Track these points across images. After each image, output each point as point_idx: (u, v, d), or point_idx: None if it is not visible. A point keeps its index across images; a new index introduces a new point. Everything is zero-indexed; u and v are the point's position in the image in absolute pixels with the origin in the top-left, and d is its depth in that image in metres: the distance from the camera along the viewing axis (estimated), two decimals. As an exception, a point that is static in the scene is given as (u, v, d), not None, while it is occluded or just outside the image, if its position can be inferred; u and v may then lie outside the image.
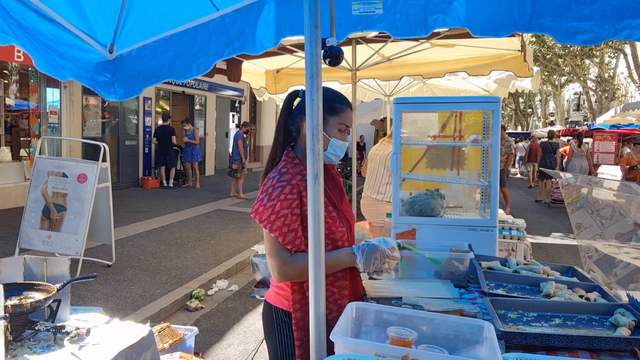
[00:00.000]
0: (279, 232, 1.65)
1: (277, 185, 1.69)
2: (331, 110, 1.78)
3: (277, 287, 1.85)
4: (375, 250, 1.67)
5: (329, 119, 1.77)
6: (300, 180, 1.71)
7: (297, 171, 1.74)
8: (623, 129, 16.78)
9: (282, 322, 1.82)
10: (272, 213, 1.66)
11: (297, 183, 1.70)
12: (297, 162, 1.78)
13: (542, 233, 9.08)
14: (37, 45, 2.08)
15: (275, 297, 1.86)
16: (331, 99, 1.79)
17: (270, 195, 1.68)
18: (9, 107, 9.51)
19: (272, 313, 1.86)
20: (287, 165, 1.75)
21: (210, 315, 4.78)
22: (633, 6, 1.67)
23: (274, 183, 1.70)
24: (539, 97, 39.70)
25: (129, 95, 2.54)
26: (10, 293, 1.70)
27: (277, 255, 1.68)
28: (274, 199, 1.67)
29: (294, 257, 1.68)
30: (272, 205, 1.67)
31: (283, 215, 1.65)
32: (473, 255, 2.19)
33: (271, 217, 1.65)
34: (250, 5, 2.20)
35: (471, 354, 1.41)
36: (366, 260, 1.66)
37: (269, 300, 1.89)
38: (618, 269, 2.45)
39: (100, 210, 5.65)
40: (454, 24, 1.94)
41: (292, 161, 1.78)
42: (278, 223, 1.65)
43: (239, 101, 18.54)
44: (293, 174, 1.73)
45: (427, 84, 7.19)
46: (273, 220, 1.65)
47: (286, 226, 1.65)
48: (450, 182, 4.08)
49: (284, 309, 1.81)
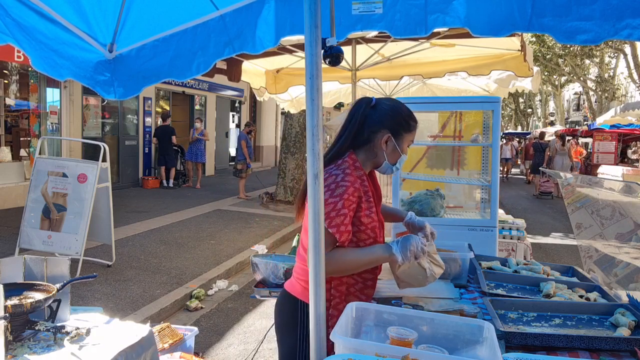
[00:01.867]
0: (337, 229, 1.65)
1: (340, 183, 1.69)
2: (408, 128, 1.82)
3: (304, 281, 1.79)
4: (410, 237, 1.69)
5: (405, 135, 1.82)
6: (360, 185, 1.73)
7: (357, 175, 1.75)
8: (623, 129, 16.78)
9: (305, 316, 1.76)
10: (332, 210, 1.65)
11: (359, 188, 1.72)
12: (358, 166, 1.78)
13: (542, 233, 9.08)
14: (34, 44, 2.07)
15: (302, 290, 1.80)
16: (409, 116, 1.83)
17: (332, 192, 1.67)
18: (9, 107, 9.51)
19: (296, 306, 1.80)
20: (350, 168, 1.75)
21: (210, 315, 4.78)
22: (633, 6, 1.67)
23: (338, 181, 1.69)
24: (539, 97, 39.70)
25: (129, 95, 2.54)
26: (10, 293, 1.70)
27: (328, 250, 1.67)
28: (337, 196, 1.66)
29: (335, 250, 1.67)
30: (334, 202, 1.66)
31: (343, 214, 1.66)
32: (473, 255, 2.19)
33: (331, 213, 1.65)
34: (250, 4, 2.20)
35: (471, 354, 1.41)
36: (402, 248, 1.67)
37: (294, 293, 1.83)
38: (618, 269, 2.45)
39: (100, 210, 5.65)
40: (454, 23, 1.94)
41: (354, 164, 1.77)
42: (337, 220, 1.65)
43: (239, 101, 18.55)
44: (355, 177, 1.73)
45: (427, 84, 7.19)
46: (333, 217, 1.65)
47: (344, 225, 1.65)
48: (450, 182, 4.08)
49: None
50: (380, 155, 1.81)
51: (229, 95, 17.35)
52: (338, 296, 1.76)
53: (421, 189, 3.77)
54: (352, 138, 1.82)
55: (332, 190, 1.67)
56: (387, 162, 1.83)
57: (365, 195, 1.74)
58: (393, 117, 1.81)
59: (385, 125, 1.80)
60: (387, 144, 1.80)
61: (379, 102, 1.84)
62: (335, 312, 1.73)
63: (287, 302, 1.85)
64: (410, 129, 1.83)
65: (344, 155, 1.79)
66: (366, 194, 1.74)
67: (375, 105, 1.82)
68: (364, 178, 1.76)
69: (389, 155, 1.81)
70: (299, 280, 1.84)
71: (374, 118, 1.81)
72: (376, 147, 1.81)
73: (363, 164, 1.81)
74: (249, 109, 19.41)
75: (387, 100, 1.87)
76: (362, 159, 1.81)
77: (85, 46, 2.41)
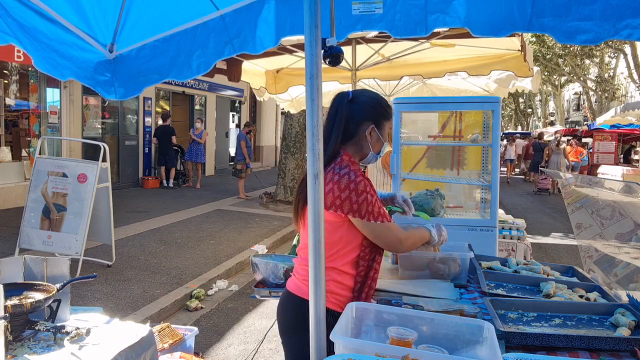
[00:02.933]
0: (381, 215, 1.75)
1: (356, 180, 1.75)
2: (388, 116, 1.90)
3: None
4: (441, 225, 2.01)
5: (385, 123, 1.89)
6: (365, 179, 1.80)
7: (358, 169, 1.83)
8: (623, 129, 16.79)
9: None
10: (368, 204, 1.73)
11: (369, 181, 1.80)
12: (353, 161, 1.85)
13: (542, 233, 9.08)
14: (36, 44, 2.08)
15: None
16: (387, 105, 1.91)
17: (357, 190, 1.74)
18: (9, 107, 9.51)
19: (303, 307, 1.74)
20: (350, 164, 1.81)
21: (210, 315, 4.78)
22: (633, 6, 1.67)
23: (353, 179, 1.75)
24: (539, 97, 39.69)
25: (129, 95, 2.54)
26: (10, 293, 1.70)
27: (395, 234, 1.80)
28: (362, 192, 1.73)
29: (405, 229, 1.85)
30: (365, 198, 1.73)
31: (375, 201, 1.75)
32: (473, 255, 2.19)
33: (369, 208, 1.73)
34: (250, 4, 2.20)
35: (471, 354, 1.41)
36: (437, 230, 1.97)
37: (300, 294, 1.82)
38: (618, 269, 2.45)
39: (100, 210, 5.65)
40: (454, 23, 1.94)
41: (350, 159, 1.84)
42: (376, 210, 1.74)
43: (239, 101, 18.55)
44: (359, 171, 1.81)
45: (427, 84, 7.18)
46: (371, 210, 1.74)
47: (382, 208, 1.78)
48: (450, 182, 4.08)
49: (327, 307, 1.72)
50: (366, 147, 1.88)
51: (229, 95, 17.35)
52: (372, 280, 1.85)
53: (421, 189, 3.76)
54: (343, 131, 1.86)
55: (354, 189, 1.73)
56: (372, 152, 1.89)
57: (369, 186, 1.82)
58: (374, 108, 1.87)
59: (368, 117, 1.86)
60: (371, 135, 1.86)
61: (356, 95, 1.88)
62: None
63: (292, 304, 1.85)
64: (389, 117, 1.91)
65: (340, 153, 1.83)
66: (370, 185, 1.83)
67: (353, 99, 1.86)
68: (361, 171, 1.84)
69: (374, 145, 1.88)
70: (304, 281, 1.82)
71: (356, 112, 1.85)
72: (361, 139, 1.87)
73: (354, 157, 1.87)
74: (249, 109, 19.40)
75: (364, 92, 1.92)
76: (352, 153, 1.87)
77: (85, 46, 2.41)
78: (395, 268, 2.33)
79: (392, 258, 2.43)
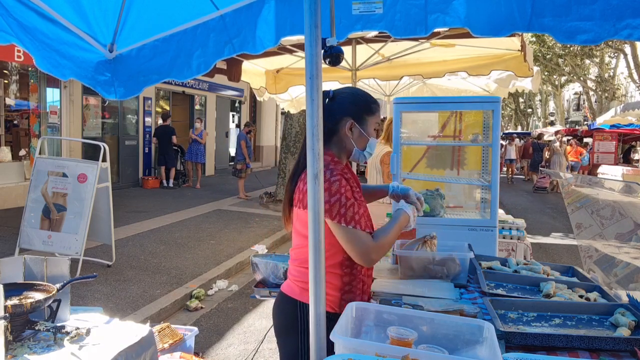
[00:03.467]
0: (355, 222, 1.68)
1: (332, 179, 1.69)
2: (370, 110, 1.84)
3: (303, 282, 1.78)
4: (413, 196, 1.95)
5: (368, 118, 1.84)
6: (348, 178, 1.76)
7: (340, 169, 1.77)
8: (623, 129, 16.80)
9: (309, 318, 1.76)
10: (341, 207, 1.67)
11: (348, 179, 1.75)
12: (337, 160, 1.81)
13: (542, 233, 9.08)
14: (37, 44, 2.08)
15: (302, 293, 1.79)
16: (369, 99, 1.86)
17: (330, 191, 1.68)
18: (9, 107, 9.51)
19: (295, 308, 1.79)
20: (332, 163, 1.77)
21: (210, 315, 4.78)
22: (633, 6, 1.67)
23: (329, 178, 1.69)
24: (539, 97, 39.68)
25: (129, 95, 2.54)
26: (10, 293, 1.70)
27: (362, 243, 1.69)
28: (335, 193, 1.68)
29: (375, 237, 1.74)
30: (337, 199, 1.67)
31: (350, 205, 1.68)
32: (473, 255, 2.19)
33: (341, 210, 1.66)
34: (250, 4, 2.20)
35: (471, 354, 1.41)
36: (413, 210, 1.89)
37: (292, 294, 1.82)
38: (618, 269, 2.45)
39: (100, 210, 5.65)
40: (454, 23, 1.94)
41: (333, 159, 1.80)
42: (350, 214, 1.67)
43: (239, 101, 18.55)
44: (340, 170, 1.75)
45: (427, 84, 7.18)
46: (343, 213, 1.67)
47: (357, 214, 1.69)
48: (450, 182, 4.08)
49: None
50: (349, 143, 1.84)
51: (229, 95, 17.35)
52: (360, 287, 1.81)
53: (421, 189, 3.76)
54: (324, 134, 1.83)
55: (328, 189, 1.68)
56: (356, 148, 1.84)
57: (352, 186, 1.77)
58: (353, 102, 1.83)
59: (347, 112, 1.82)
60: (352, 130, 1.82)
61: (337, 92, 1.86)
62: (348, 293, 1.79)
63: (285, 305, 1.85)
64: (372, 111, 1.85)
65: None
66: (352, 186, 1.77)
67: (334, 97, 1.83)
68: (345, 170, 1.79)
69: (357, 141, 1.83)
70: (296, 281, 1.84)
71: (335, 109, 1.82)
72: (343, 136, 1.83)
73: (339, 156, 1.84)
74: (249, 109, 19.40)
75: (345, 89, 1.91)
76: (336, 152, 1.84)
77: (85, 46, 2.41)
78: (395, 268, 2.33)
79: (392, 258, 2.43)
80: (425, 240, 2.22)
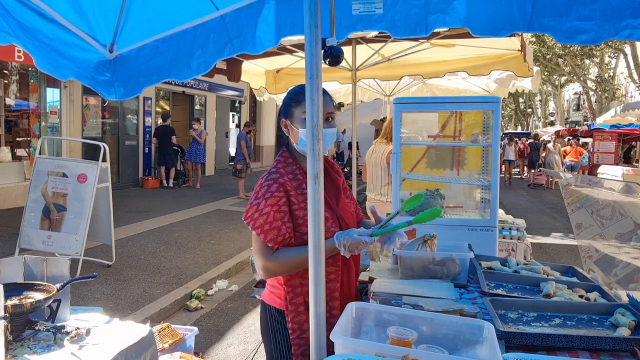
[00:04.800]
0: (261, 229, 1.69)
1: (264, 184, 1.75)
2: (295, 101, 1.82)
3: (271, 286, 1.88)
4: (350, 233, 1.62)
5: (294, 111, 1.81)
6: (290, 179, 1.75)
7: (289, 170, 1.78)
8: (623, 129, 16.81)
9: (275, 321, 1.86)
10: (256, 211, 1.71)
11: (285, 182, 1.74)
12: (290, 162, 1.82)
13: (542, 233, 9.08)
14: (37, 44, 2.08)
15: (269, 296, 1.89)
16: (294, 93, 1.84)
17: (257, 194, 1.73)
18: (9, 107, 9.50)
19: (266, 312, 1.90)
20: (279, 165, 1.80)
21: (210, 315, 4.78)
22: (633, 6, 1.67)
23: (262, 182, 1.76)
24: (539, 97, 39.69)
25: (129, 95, 2.54)
26: (10, 293, 1.70)
27: (260, 253, 1.72)
28: (260, 197, 1.72)
29: (276, 254, 1.71)
30: (257, 203, 1.71)
31: (266, 213, 1.69)
32: (473, 255, 2.19)
33: (255, 214, 1.70)
34: (250, 4, 2.20)
35: (471, 354, 1.41)
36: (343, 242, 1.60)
37: (264, 299, 1.92)
38: (618, 269, 2.45)
39: (100, 210, 5.65)
40: (454, 23, 1.94)
41: (285, 161, 1.82)
42: (260, 221, 1.69)
43: (239, 101, 18.55)
44: (283, 173, 1.77)
45: (427, 84, 7.19)
46: (256, 217, 1.70)
47: (268, 224, 1.69)
48: (450, 182, 4.07)
49: (277, 307, 1.85)
50: (290, 141, 1.86)
51: (229, 95, 17.35)
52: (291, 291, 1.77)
53: (421, 189, 3.76)
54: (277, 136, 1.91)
55: (256, 192, 1.74)
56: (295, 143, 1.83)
57: (298, 188, 1.75)
58: (284, 103, 1.87)
59: (281, 115, 1.86)
60: (287, 128, 1.84)
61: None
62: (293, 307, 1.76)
63: (261, 309, 1.96)
64: (297, 103, 1.81)
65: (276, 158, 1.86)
66: (299, 187, 1.75)
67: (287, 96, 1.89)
68: (296, 172, 1.79)
69: (293, 137, 1.83)
70: (267, 285, 1.91)
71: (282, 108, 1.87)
72: (285, 137, 1.87)
73: (296, 157, 1.84)
74: (249, 109, 19.40)
75: None
76: (289, 154, 1.85)
77: (85, 46, 2.41)
78: (395, 268, 2.33)
79: (392, 258, 2.43)
80: (425, 240, 2.21)
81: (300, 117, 1.78)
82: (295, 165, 1.81)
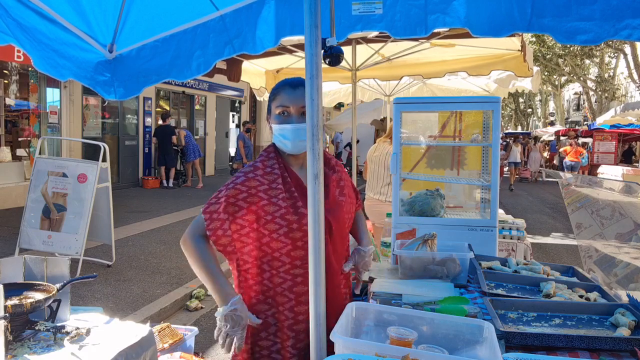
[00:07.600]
0: (209, 214, 1.70)
1: (237, 175, 1.78)
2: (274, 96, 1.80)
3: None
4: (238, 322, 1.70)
5: (273, 106, 1.80)
6: (263, 174, 1.74)
7: (266, 165, 1.77)
8: (623, 129, 16.82)
9: None
10: (213, 197, 1.75)
11: (255, 177, 1.73)
12: (272, 156, 1.79)
13: (542, 233, 9.08)
14: (36, 44, 2.07)
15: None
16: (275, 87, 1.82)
17: (227, 185, 1.76)
18: (9, 107, 9.51)
19: None
20: (257, 160, 1.81)
21: (210, 315, 4.77)
22: (633, 6, 1.67)
23: (238, 174, 1.79)
24: (539, 97, 39.70)
25: (129, 95, 2.54)
26: (10, 293, 1.70)
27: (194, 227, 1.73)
28: (225, 187, 1.75)
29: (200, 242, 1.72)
30: (218, 192, 1.76)
31: (220, 203, 1.71)
32: (473, 255, 2.19)
33: (212, 200, 1.74)
34: (250, 5, 2.20)
35: (471, 354, 1.41)
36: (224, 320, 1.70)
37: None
38: (618, 269, 2.45)
39: (100, 210, 5.65)
40: (454, 23, 1.94)
41: (268, 155, 1.81)
42: (212, 208, 1.71)
43: (239, 101, 18.55)
44: (258, 167, 1.76)
45: (427, 84, 7.18)
46: (213, 202, 1.73)
47: (217, 212, 1.70)
48: (450, 182, 4.07)
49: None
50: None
51: (229, 95, 17.35)
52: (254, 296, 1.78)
53: (421, 189, 3.76)
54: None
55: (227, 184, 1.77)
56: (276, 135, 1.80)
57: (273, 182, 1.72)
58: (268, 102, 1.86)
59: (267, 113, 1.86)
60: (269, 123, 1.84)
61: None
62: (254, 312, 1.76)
63: None
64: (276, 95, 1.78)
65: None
66: (274, 182, 1.73)
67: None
68: (275, 166, 1.75)
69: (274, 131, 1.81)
70: None
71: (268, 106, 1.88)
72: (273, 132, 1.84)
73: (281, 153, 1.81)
74: (249, 109, 19.40)
75: None
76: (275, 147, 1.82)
77: (85, 46, 2.41)
78: (395, 268, 2.33)
79: (392, 258, 2.44)
80: (425, 240, 2.21)
81: (274, 112, 1.78)
82: (275, 160, 1.78)
